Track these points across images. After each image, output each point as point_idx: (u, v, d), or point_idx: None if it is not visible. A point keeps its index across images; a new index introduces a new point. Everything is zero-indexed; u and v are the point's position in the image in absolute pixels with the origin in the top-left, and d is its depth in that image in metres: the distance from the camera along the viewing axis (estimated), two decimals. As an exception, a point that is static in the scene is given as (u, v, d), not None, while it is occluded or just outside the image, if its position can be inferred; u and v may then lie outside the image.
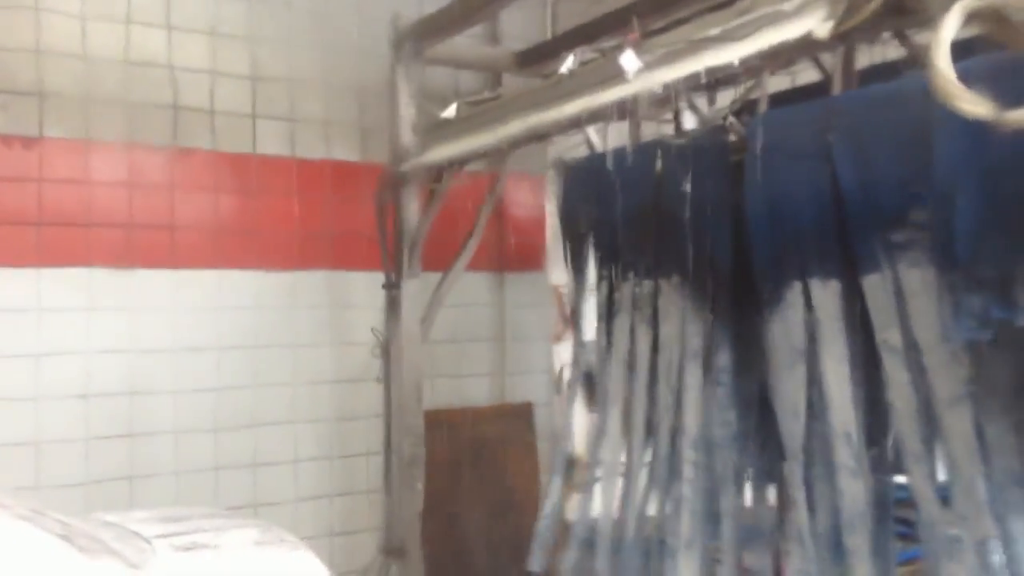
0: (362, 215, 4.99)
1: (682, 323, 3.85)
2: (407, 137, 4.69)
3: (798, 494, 3.43)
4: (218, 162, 4.82)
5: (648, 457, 4.01)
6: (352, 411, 5.03)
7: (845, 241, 3.21)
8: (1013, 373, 2.89)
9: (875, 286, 3.11)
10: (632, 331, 4.12)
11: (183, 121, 4.74)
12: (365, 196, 4.97)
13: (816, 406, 3.36)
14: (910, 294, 3.03)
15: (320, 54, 5.13)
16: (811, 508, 3.39)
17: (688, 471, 3.78)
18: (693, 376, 3.79)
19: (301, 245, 4.99)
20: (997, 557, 2.99)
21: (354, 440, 5.01)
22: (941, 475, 3.13)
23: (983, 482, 2.96)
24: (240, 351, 4.78)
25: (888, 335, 3.08)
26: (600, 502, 4.33)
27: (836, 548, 3.35)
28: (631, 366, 4.14)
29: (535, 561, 4.49)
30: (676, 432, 3.86)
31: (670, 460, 3.88)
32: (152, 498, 4.48)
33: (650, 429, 4.00)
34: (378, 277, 4.90)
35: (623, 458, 4.28)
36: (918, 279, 2.99)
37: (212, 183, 4.80)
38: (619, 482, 4.17)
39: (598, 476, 4.34)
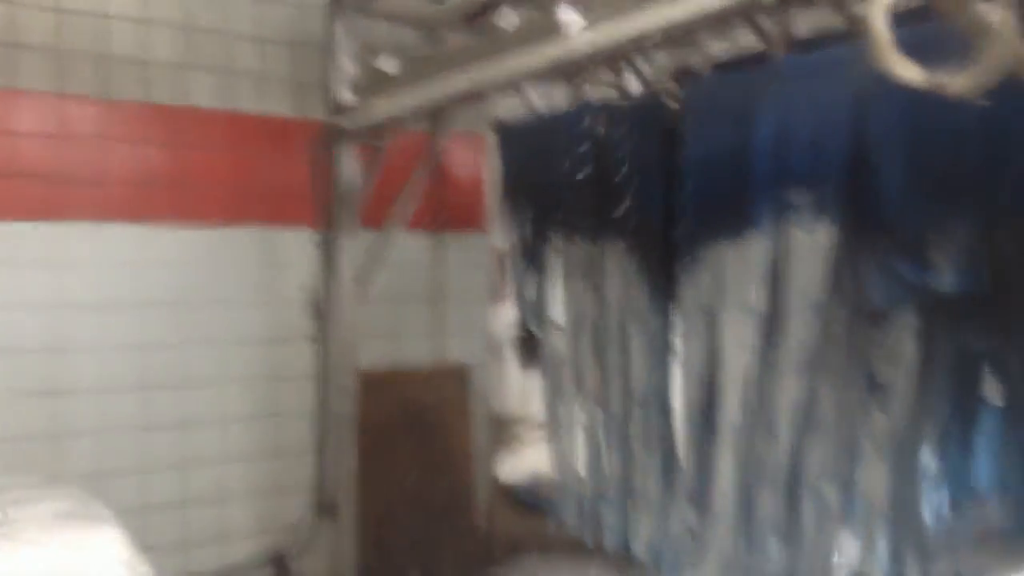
0: (296, 171, 4.88)
1: (625, 285, 3.90)
2: (346, 93, 4.60)
3: (691, 453, 3.54)
4: (148, 114, 4.66)
5: (601, 417, 4.09)
6: (284, 371, 4.95)
7: (750, 203, 3.25)
8: (916, 336, 2.96)
9: (754, 245, 3.17)
10: (580, 293, 4.16)
11: (114, 71, 4.57)
12: (299, 152, 4.86)
13: (713, 363, 3.43)
14: (791, 255, 3.08)
15: (256, 6, 4.98)
16: (703, 469, 3.49)
17: (635, 429, 3.87)
18: (635, 337, 3.86)
19: (232, 200, 4.87)
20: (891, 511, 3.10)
21: (285, 400, 4.95)
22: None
23: (874, 440, 3.05)
24: (168, 308, 4.66)
25: (748, 295, 3.16)
26: (557, 461, 4.40)
27: (747, 508, 3.45)
28: (580, 328, 4.18)
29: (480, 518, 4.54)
30: (626, 392, 3.94)
31: (621, 419, 3.96)
32: (74, 457, 4.38)
33: (602, 389, 4.07)
34: (307, 235, 4.82)
35: (577, 417, 4.35)
36: (805, 240, 3.04)
37: (141, 135, 4.65)
38: (574, 441, 4.25)
39: (554, 435, 4.41)
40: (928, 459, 3.00)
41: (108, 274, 4.52)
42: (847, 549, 3.18)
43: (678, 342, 3.78)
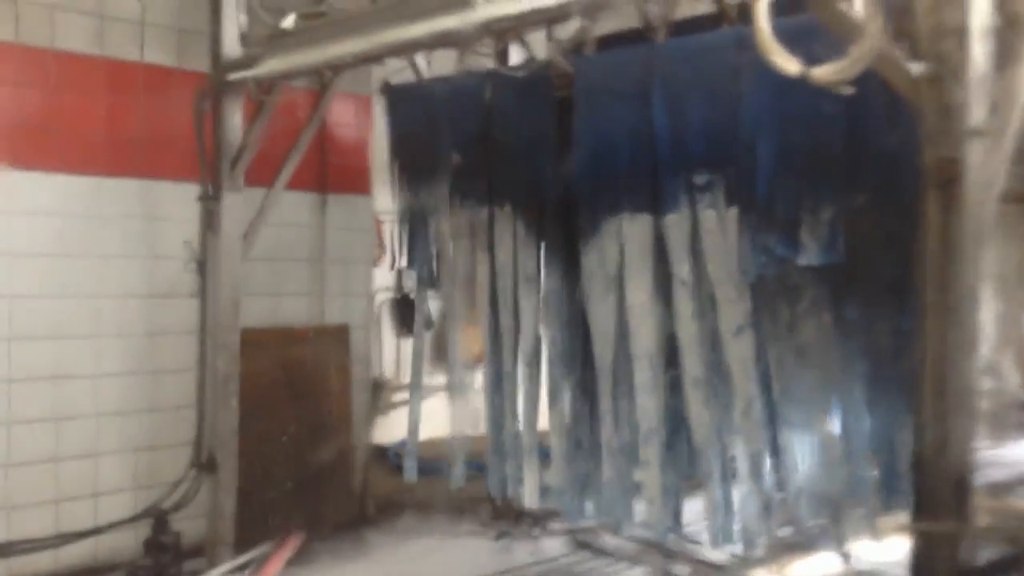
0: (178, 124, 4.78)
1: (516, 249, 4.08)
2: (233, 46, 4.55)
3: (604, 410, 3.78)
4: (20, 55, 4.46)
5: (494, 376, 4.25)
6: (162, 326, 4.87)
7: (656, 179, 3.51)
8: (784, 307, 3.30)
9: (674, 224, 3.45)
10: (472, 256, 4.31)
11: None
12: (182, 104, 4.76)
13: (623, 330, 3.69)
14: (705, 233, 3.38)
15: (139, -51, 4.83)
16: (614, 423, 3.75)
17: (525, 387, 4.08)
18: (526, 299, 4.06)
19: (109, 150, 4.72)
20: (768, 471, 3.44)
21: (165, 356, 4.87)
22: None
23: (759, 402, 3.38)
24: (41, 259, 4.50)
25: (680, 270, 3.44)
26: (423, 419, 4.54)
27: (634, 459, 3.73)
28: (473, 290, 4.33)
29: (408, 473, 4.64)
30: (516, 352, 4.14)
31: (511, 377, 4.16)
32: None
33: (494, 350, 4.24)
34: (191, 189, 4.75)
35: (446, 375, 4.51)
36: (714, 220, 3.34)
37: (11, 77, 4.45)
38: (466, 400, 4.40)
39: (421, 394, 4.55)
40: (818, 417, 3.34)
41: (-26, 221, 4.34)
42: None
43: (566, 302, 4.01)
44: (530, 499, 4.16)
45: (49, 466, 4.53)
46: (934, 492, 2.53)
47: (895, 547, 4.48)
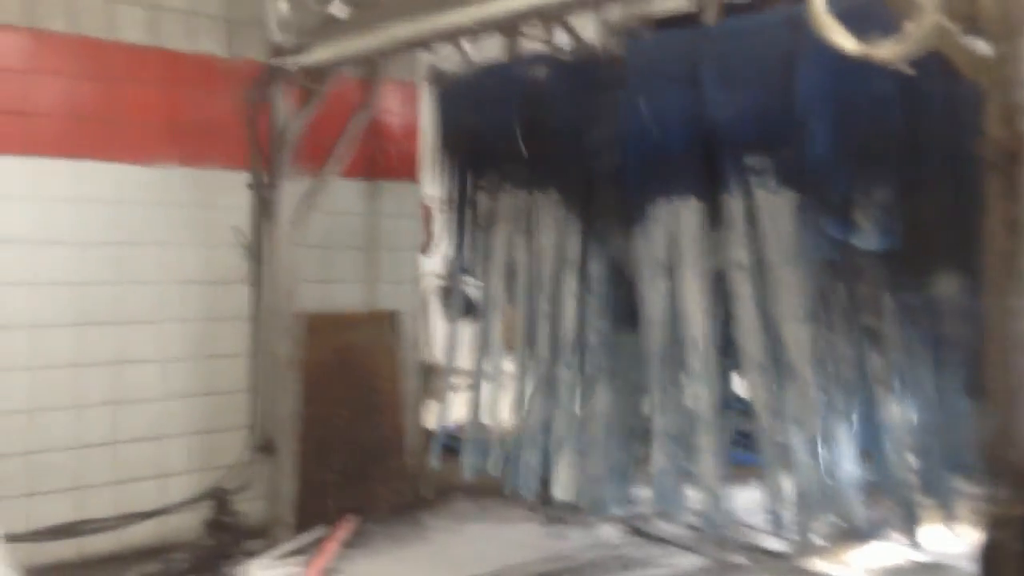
0: (229, 113, 4.85)
1: (558, 234, 4.08)
2: (284, 35, 4.59)
3: (655, 397, 3.76)
4: (76, 46, 4.56)
5: (530, 363, 4.26)
6: (219, 312, 4.96)
7: (708, 163, 3.47)
8: (844, 291, 3.26)
9: (729, 207, 3.41)
10: (511, 241, 4.32)
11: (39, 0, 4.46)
12: (234, 93, 4.83)
13: (673, 316, 3.67)
14: (761, 216, 3.34)
15: (189, -61, 4.90)
16: (666, 410, 3.73)
17: (565, 374, 4.06)
18: (569, 285, 4.05)
19: (166, 140, 4.81)
20: (827, 458, 3.40)
21: (222, 340, 4.96)
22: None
23: (815, 388, 3.34)
24: (103, 246, 4.61)
25: (738, 253, 3.40)
26: (475, 406, 4.56)
27: (685, 447, 3.71)
28: (512, 275, 4.34)
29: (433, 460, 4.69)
30: (554, 339, 4.13)
31: (550, 364, 4.15)
32: (7, 392, 4.33)
33: (530, 336, 4.25)
34: (242, 177, 4.82)
35: (495, 363, 4.52)
36: (769, 202, 3.30)
37: (70, 68, 4.55)
38: (492, 386, 4.42)
39: (481, 382, 4.56)
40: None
41: (41, 209, 4.45)
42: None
43: (611, 288, 3.99)
44: (562, 490, 4.12)
45: (113, 448, 4.66)
46: (1002, 478, 2.48)
47: (957, 537, 4.45)
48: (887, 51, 2.34)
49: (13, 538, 4.20)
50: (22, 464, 4.39)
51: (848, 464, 3.41)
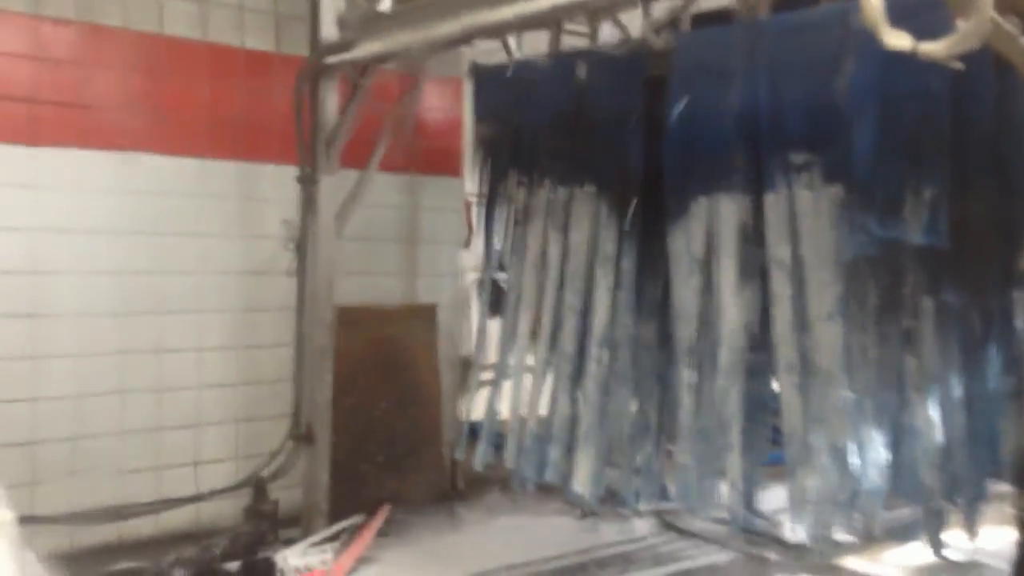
0: (274, 107, 4.93)
1: (594, 229, 4.07)
2: (330, 29, 4.65)
3: (684, 394, 3.74)
4: (128, 40, 4.65)
5: (553, 358, 4.25)
6: (259, 303, 5.04)
7: (751, 160, 3.45)
8: (880, 292, 3.22)
9: (773, 204, 3.38)
10: (544, 236, 4.32)
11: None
12: (278, 87, 4.91)
13: (706, 313, 3.65)
14: (803, 214, 3.31)
15: (238, -62, 4.97)
16: (694, 406, 3.71)
17: (593, 369, 4.05)
18: (602, 280, 4.03)
19: (211, 133, 4.89)
20: (851, 461, 3.36)
21: (263, 331, 5.04)
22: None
23: (844, 391, 3.30)
24: (148, 236, 4.70)
25: (779, 251, 3.37)
26: (509, 401, 4.56)
27: (712, 444, 3.68)
28: (542, 270, 4.34)
29: (459, 452, 4.71)
30: (583, 333, 4.12)
31: (576, 359, 4.14)
32: (53, 378, 4.44)
33: (556, 331, 4.24)
34: (287, 171, 4.87)
35: (530, 360, 4.52)
36: (810, 200, 3.27)
37: (121, 62, 4.64)
38: (526, 382, 4.41)
39: (507, 377, 4.57)
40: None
41: (88, 199, 4.54)
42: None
43: (644, 284, 3.97)
44: (582, 486, 4.11)
45: (155, 434, 4.75)
46: None
47: (992, 538, 4.39)
48: (940, 48, 2.31)
49: (54, 519, 4.32)
50: (68, 449, 4.49)
51: (876, 467, 3.36)
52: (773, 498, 4.07)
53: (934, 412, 3.33)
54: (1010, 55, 2.34)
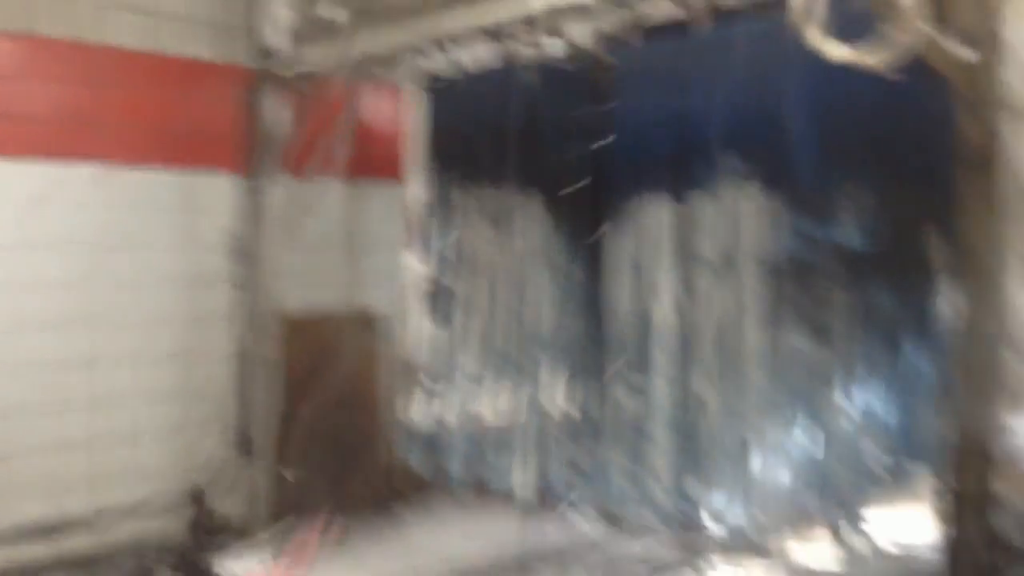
0: (217, 116, 4.91)
1: (539, 234, 4.19)
2: (273, 39, 4.66)
3: (619, 391, 3.87)
4: (67, 51, 4.58)
5: (496, 361, 4.35)
6: (199, 313, 4.98)
7: (688, 165, 3.61)
8: (805, 291, 3.40)
9: (704, 207, 3.54)
10: (490, 242, 4.41)
11: (31, 4, 4.47)
12: (220, 97, 4.89)
13: (642, 313, 3.79)
14: (733, 216, 3.47)
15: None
16: (630, 404, 3.84)
17: (538, 371, 4.16)
18: (544, 284, 4.15)
19: (153, 143, 4.84)
20: (771, 454, 3.52)
21: (203, 342, 4.99)
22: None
23: (763, 388, 3.46)
24: (85, 247, 4.61)
25: (707, 252, 3.53)
26: (452, 405, 4.63)
27: (642, 439, 3.81)
28: (486, 275, 4.43)
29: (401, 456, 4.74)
30: (524, 336, 4.22)
31: (519, 361, 4.24)
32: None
33: (501, 334, 4.33)
34: (230, 180, 4.86)
35: (473, 362, 4.60)
36: (742, 203, 3.43)
37: (59, 72, 4.56)
38: (469, 385, 4.48)
39: (450, 380, 4.64)
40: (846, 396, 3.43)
41: (22, 211, 4.44)
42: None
43: (584, 285, 4.10)
44: (523, 485, 4.19)
45: (90, 448, 4.65)
46: (964, 464, 2.62)
47: (916, 526, 4.63)
48: (871, 57, 2.49)
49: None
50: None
51: (793, 460, 3.51)
52: (704, 489, 4.22)
53: (859, 405, 3.53)
54: (935, 63, 2.53)
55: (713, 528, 4.49)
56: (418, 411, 5.18)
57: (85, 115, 4.63)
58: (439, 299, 5.00)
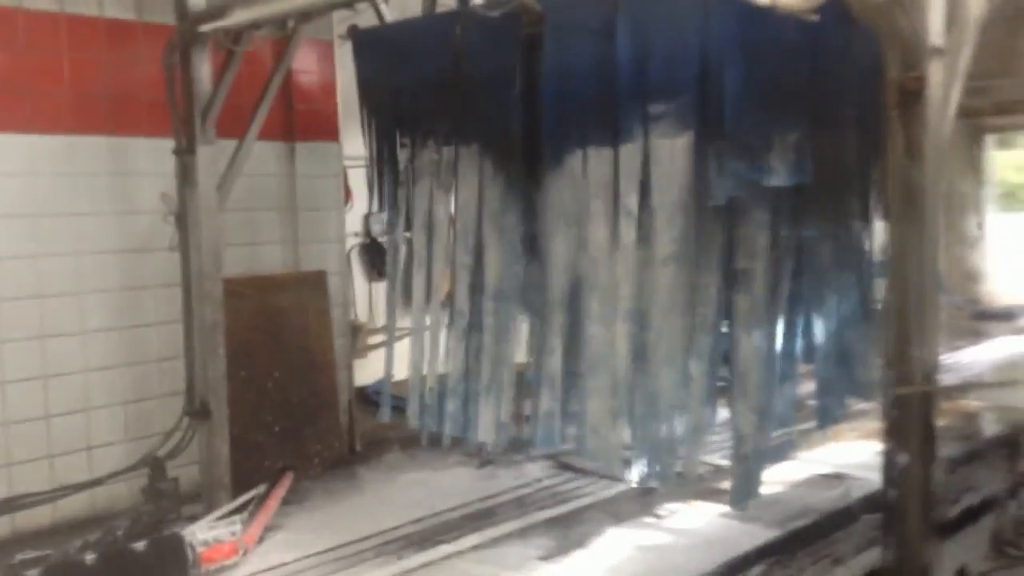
0: (142, 78, 4.79)
1: (479, 187, 4.16)
2: (199, -3, 4.53)
3: (555, 340, 3.92)
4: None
5: (448, 315, 4.36)
6: (141, 280, 4.93)
7: (617, 112, 3.60)
8: (731, 232, 3.45)
9: (628, 155, 3.55)
10: (431, 196, 4.38)
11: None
12: (145, 58, 4.76)
13: (579, 263, 3.82)
14: (654, 162, 3.48)
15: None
16: (564, 352, 3.89)
17: (488, 321, 4.17)
18: (491, 236, 4.15)
19: (76, 109, 4.71)
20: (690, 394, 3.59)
21: (145, 309, 4.94)
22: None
23: (679, 330, 3.52)
24: (17, 219, 4.52)
25: (628, 200, 3.56)
26: (406, 361, 4.64)
27: (579, 388, 3.87)
28: (431, 229, 4.41)
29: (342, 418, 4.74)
30: (475, 288, 4.23)
31: (470, 314, 4.25)
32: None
33: (447, 286, 4.34)
34: (162, 143, 4.75)
35: (421, 315, 4.60)
36: (665, 148, 3.45)
37: (-29, 38, 4.41)
38: (423, 341, 4.49)
39: (401, 337, 4.64)
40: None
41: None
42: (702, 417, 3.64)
43: (540, 239, 4.11)
44: (484, 433, 4.23)
45: (42, 423, 4.61)
46: (902, 368, 2.71)
47: (856, 452, 4.80)
48: (795, 1, 2.52)
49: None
50: (-52, 444, 4.33)
51: (742, 395, 3.59)
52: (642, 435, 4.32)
53: (796, 335, 3.64)
54: (855, 5, 2.56)
55: (653, 472, 4.61)
56: (366, 368, 5.22)
57: (4, 82, 4.48)
58: (379, 256, 4.98)
